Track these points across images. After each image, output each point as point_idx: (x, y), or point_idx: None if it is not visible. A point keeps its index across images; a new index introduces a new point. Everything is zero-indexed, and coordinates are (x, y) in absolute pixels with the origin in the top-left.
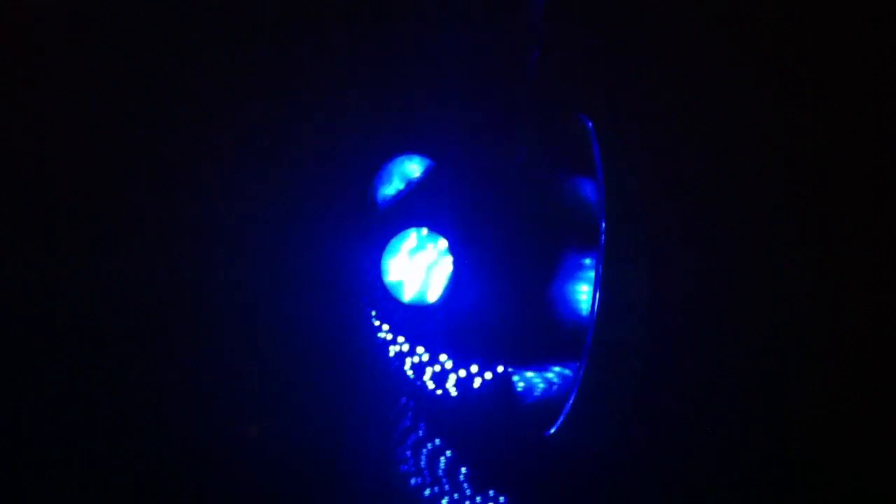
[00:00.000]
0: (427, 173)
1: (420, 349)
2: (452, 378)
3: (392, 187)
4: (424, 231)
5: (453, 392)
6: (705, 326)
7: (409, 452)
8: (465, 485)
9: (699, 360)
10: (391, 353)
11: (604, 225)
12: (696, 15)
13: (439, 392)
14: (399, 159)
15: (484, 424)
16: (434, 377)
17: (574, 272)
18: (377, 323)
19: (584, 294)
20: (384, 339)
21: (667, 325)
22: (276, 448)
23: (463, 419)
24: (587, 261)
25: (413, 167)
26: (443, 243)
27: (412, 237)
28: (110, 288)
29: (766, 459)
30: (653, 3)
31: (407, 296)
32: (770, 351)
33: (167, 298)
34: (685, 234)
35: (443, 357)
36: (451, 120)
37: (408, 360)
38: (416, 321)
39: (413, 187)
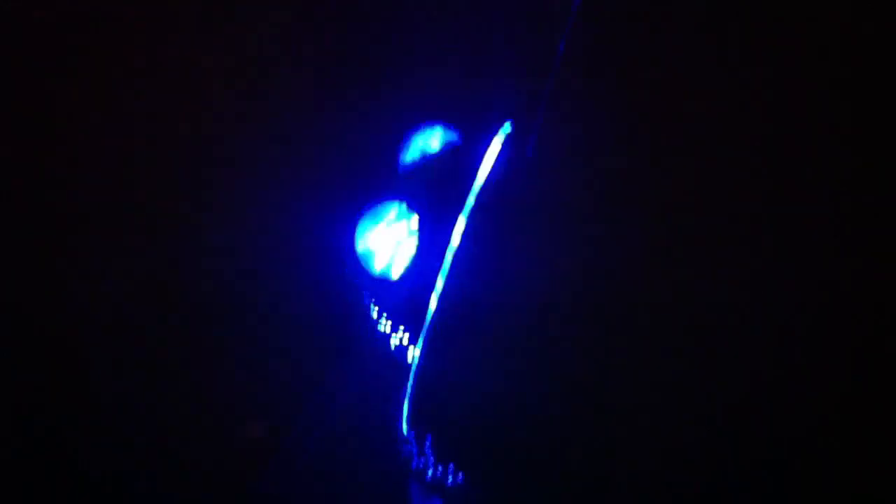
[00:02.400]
0: (445, 148)
1: (385, 319)
2: (411, 351)
3: (410, 156)
4: (404, 205)
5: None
6: (704, 327)
7: (407, 448)
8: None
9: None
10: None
11: None
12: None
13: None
14: (422, 129)
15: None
16: (397, 349)
17: None
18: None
19: None
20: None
21: (666, 326)
22: (277, 447)
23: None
24: None
25: (433, 139)
26: (414, 221)
27: (394, 209)
28: (111, 288)
29: (765, 459)
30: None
31: (376, 267)
32: (769, 351)
33: (166, 297)
34: (685, 235)
35: (401, 330)
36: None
37: (379, 326)
38: (383, 293)
39: (428, 160)
